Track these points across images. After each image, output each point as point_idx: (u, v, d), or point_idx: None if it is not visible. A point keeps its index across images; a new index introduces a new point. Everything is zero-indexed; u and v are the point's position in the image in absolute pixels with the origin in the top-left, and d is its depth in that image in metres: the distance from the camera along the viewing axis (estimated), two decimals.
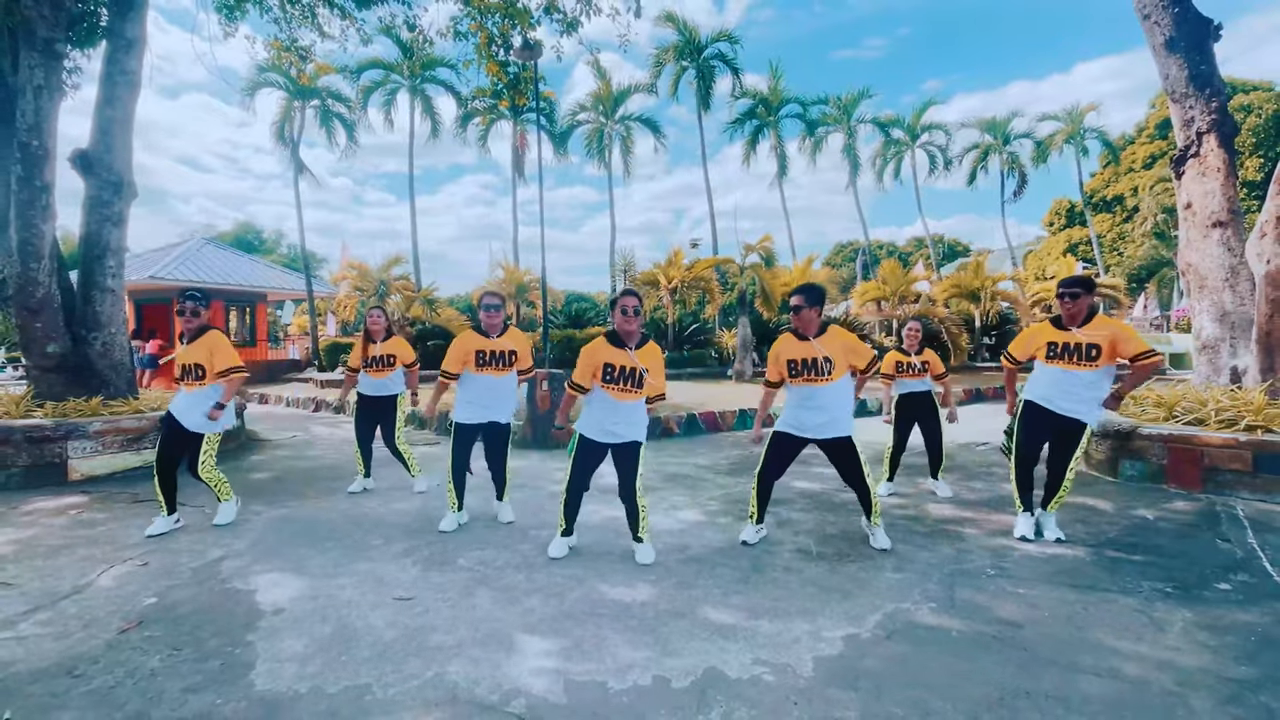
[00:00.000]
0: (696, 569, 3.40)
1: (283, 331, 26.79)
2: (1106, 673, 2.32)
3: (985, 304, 18.93)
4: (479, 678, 2.32)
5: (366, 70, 21.43)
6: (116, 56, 6.85)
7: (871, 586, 3.14)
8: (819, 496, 4.93)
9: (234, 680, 2.30)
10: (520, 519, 4.38)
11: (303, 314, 24.90)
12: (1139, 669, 2.34)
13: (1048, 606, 2.88)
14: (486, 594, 3.08)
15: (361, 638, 2.63)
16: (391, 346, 5.10)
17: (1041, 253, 40.03)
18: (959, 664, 2.40)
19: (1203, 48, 6.35)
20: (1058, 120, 28.34)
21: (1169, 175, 10.54)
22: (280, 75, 18.64)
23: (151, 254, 18.88)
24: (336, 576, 3.32)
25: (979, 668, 2.37)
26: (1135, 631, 2.63)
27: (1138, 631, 2.63)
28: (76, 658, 2.47)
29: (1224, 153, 6.22)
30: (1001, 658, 2.44)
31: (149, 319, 16.86)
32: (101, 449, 5.80)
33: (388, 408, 5.15)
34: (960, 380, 13.88)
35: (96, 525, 4.28)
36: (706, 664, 2.41)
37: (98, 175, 6.77)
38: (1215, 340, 6.16)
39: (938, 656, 2.46)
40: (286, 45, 9.56)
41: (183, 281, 15.87)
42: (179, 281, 15.78)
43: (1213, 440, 4.77)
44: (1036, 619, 2.76)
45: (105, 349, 6.77)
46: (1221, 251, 6.15)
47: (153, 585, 3.19)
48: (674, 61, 23.25)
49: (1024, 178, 28.28)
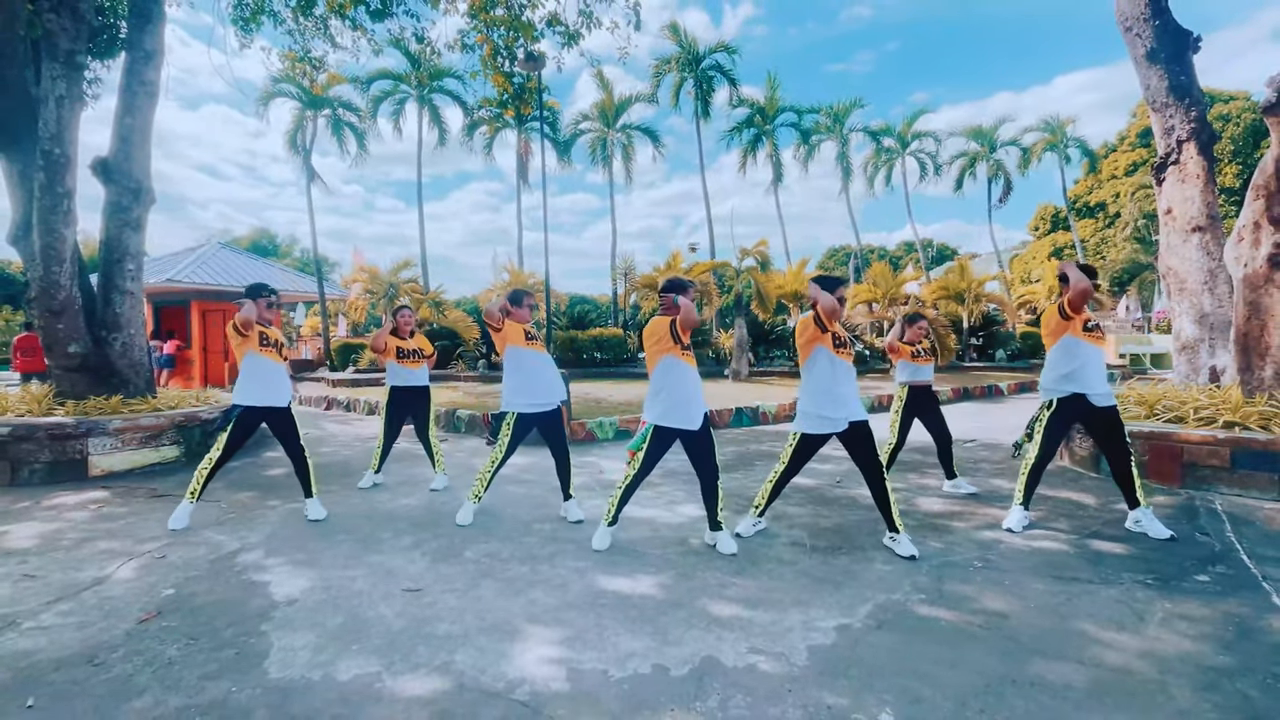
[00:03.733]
0: (695, 561, 3.40)
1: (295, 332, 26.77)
2: (1089, 661, 2.32)
3: (971, 305, 18.93)
4: (485, 666, 2.32)
5: (376, 80, 21.44)
6: (136, 68, 6.84)
7: (863, 578, 3.14)
8: (813, 491, 4.93)
9: (249, 668, 2.30)
10: (522, 513, 4.38)
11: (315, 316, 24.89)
12: (1120, 658, 2.34)
13: (1033, 597, 2.88)
14: (492, 585, 3.08)
15: (372, 627, 2.63)
16: (420, 341, 5.36)
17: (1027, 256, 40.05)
18: (947, 653, 2.40)
19: (1182, 59, 6.35)
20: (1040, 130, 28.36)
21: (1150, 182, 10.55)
22: (293, 85, 18.64)
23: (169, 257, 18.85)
24: (348, 568, 3.32)
25: (966, 657, 2.37)
26: (1117, 621, 2.63)
27: (1119, 621, 2.63)
28: (97, 646, 2.47)
29: (1203, 160, 6.23)
30: (988, 647, 2.44)
31: (166, 320, 16.86)
32: (121, 446, 5.80)
33: (422, 398, 5.27)
34: (948, 379, 13.87)
35: (116, 519, 4.28)
36: (704, 653, 2.41)
37: (117, 182, 6.76)
38: (1194, 341, 6.16)
39: (927, 646, 2.46)
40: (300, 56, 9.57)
41: (199, 285, 15.88)
42: (195, 284, 15.78)
43: (1192, 437, 4.76)
44: (1022, 610, 2.76)
45: (124, 349, 6.77)
46: (1201, 255, 6.15)
47: (171, 577, 3.19)
48: (674, 72, 23.26)
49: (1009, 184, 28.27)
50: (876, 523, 3.84)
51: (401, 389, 5.22)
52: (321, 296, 19.73)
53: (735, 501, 4.62)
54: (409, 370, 5.18)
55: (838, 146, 27.12)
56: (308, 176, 20.44)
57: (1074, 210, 35.07)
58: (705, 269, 16.58)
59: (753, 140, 25.54)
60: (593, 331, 17.65)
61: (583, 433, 7.45)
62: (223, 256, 18.67)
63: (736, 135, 25.55)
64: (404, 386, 5.21)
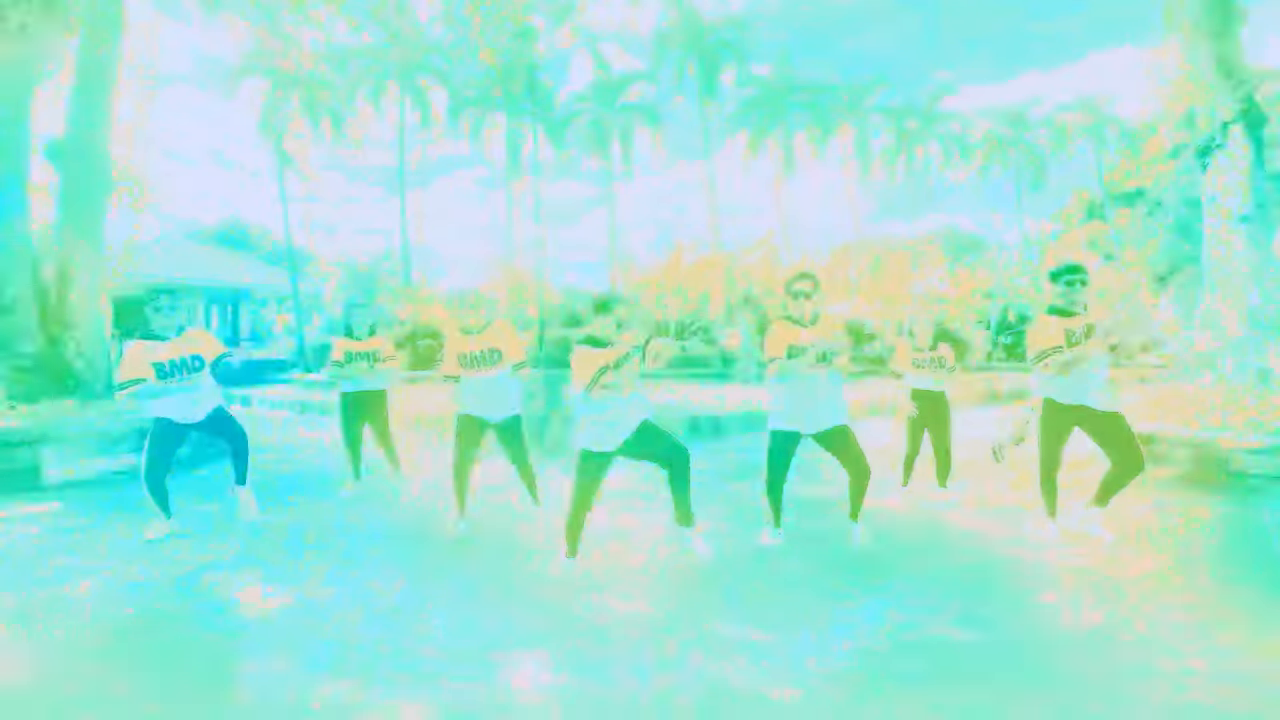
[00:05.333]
0: (697, 578, 3.39)
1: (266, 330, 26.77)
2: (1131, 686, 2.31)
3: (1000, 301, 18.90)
4: (470, 690, 2.31)
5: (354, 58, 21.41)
6: (94, 44, 6.84)
7: (881, 597, 3.13)
8: (828, 503, 4.91)
9: (216, 695, 2.29)
10: (510, 527, 4.36)
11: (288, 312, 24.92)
12: (1161, 681, 2.33)
13: (1065, 617, 2.87)
14: (477, 604, 3.08)
15: (348, 649, 2.62)
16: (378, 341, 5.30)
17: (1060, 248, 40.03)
18: (972, 677, 2.39)
19: (1229, 33, 6.34)
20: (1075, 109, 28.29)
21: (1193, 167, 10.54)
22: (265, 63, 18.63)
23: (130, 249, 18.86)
24: (322, 586, 3.31)
25: (993, 681, 2.36)
26: (1155, 644, 2.62)
27: (1158, 644, 2.62)
28: (54, 670, 2.46)
29: (1251, 144, 6.22)
30: (1016, 671, 2.43)
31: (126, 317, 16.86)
32: (78, 452, 5.79)
33: (379, 403, 5.28)
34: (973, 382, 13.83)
35: (73, 533, 4.27)
36: (708, 677, 2.40)
37: (72, 167, 6.76)
38: (1241, 340, 6.15)
39: (949, 669, 2.45)
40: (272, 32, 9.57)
41: (162, 278, 15.87)
42: (158, 278, 15.78)
43: (1238, 444, 4.75)
44: (1053, 630, 2.75)
45: (80, 348, 6.77)
46: (1248, 247, 6.14)
47: (132, 595, 3.18)
48: (676, 48, 23.23)
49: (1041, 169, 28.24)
50: (895, 534, 3.83)
51: (355, 394, 5.25)
52: (295, 291, 19.74)
53: (743, 516, 4.60)
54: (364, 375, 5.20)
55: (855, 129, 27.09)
56: (280, 162, 20.45)
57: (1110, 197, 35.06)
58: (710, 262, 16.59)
59: (761, 122, 25.52)
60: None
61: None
62: (188, 248, 18.71)
63: (744, 117, 25.52)
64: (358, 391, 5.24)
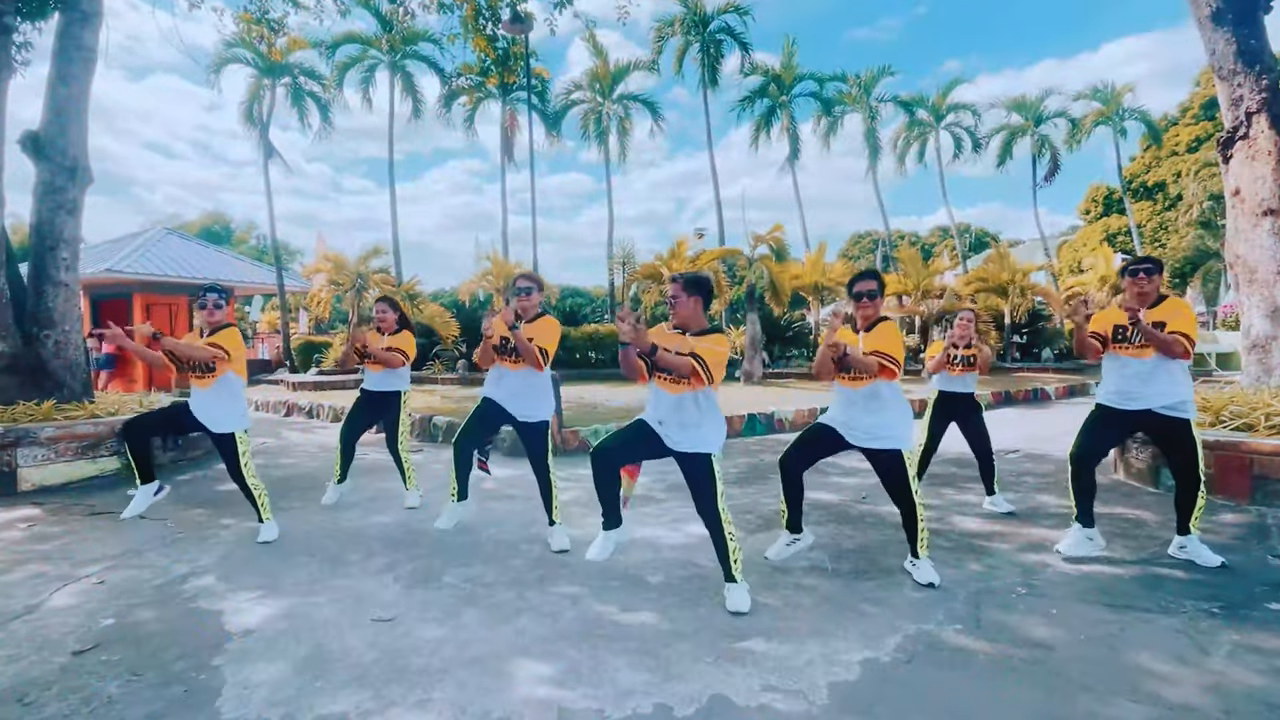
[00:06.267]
0: (701, 586, 3.41)
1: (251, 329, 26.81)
2: (1146, 699, 2.33)
3: (1015, 299, 18.91)
4: (466, 704, 2.33)
5: (342, 45, 21.38)
6: (71, 30, 6.86)
7: (891, 606, 3.15)
8: (834, 508, 4.94)
9: (199, 707, 2.30)
10: (508, 533, 4.39)
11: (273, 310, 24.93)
12: (1181, 694, 2.35)
13: (1082, 628, 2.89)
14: (474, 613, 3.09)
15: (338, 661, 2.64)
16: (400, 340, 5.07)
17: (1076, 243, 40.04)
18: (985, 690, 2.41)
19: (1252, 20, 6.37)
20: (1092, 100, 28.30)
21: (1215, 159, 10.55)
22: (249, 50, 18.66)
23: (109, 245, 18.90)
24: (311, 594, 3.32)
25: (1007, 694, 2.38)
26: (1177, 654, 2.64)
27: (1180, 654, 2.64)
28: (29, 683, 2.47)
29: (1275, 134, 6.24)
30: (1031, 683, 2.45)
31: (105, 315, 16.87)
32: (55, 457, 5.81)
33: (391, 404, 5.16)
34: (988, 383, 13.88)
35: (50, 540, 4.29)
36: (712, 690, 2.41)
37: (50, 159, 6.77)
38: (1266, 338, 6.17)
39: (963, 682, 2.47)
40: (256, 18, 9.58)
41: (142, 275, 15.89)
42: (138, 275, 15.80)
43: (1263, 447, 4.77)
44: (1070, 641, 2.77)
45: (58, 348, 6.78)
46: (1273, 242, 6.16)
47: (112, 604, 3.20)
48: (677, 35, 23.26)
49: (1056, 162, 28.25)
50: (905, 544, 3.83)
51: (369, 393, 5.16)
52: (281, 289, 19.78)
53: (749, 520, 4.62)
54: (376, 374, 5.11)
55: (864, 119, 27.12)
56: (265, 153, 20.50)
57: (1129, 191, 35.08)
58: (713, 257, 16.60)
59: (767, 113, 25.52)
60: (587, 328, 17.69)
61: (575, 442, 7.45)
62: (170, 244, 18.70)
63: (748, 107, 25.50)
64: (371, 391, 5.15)
